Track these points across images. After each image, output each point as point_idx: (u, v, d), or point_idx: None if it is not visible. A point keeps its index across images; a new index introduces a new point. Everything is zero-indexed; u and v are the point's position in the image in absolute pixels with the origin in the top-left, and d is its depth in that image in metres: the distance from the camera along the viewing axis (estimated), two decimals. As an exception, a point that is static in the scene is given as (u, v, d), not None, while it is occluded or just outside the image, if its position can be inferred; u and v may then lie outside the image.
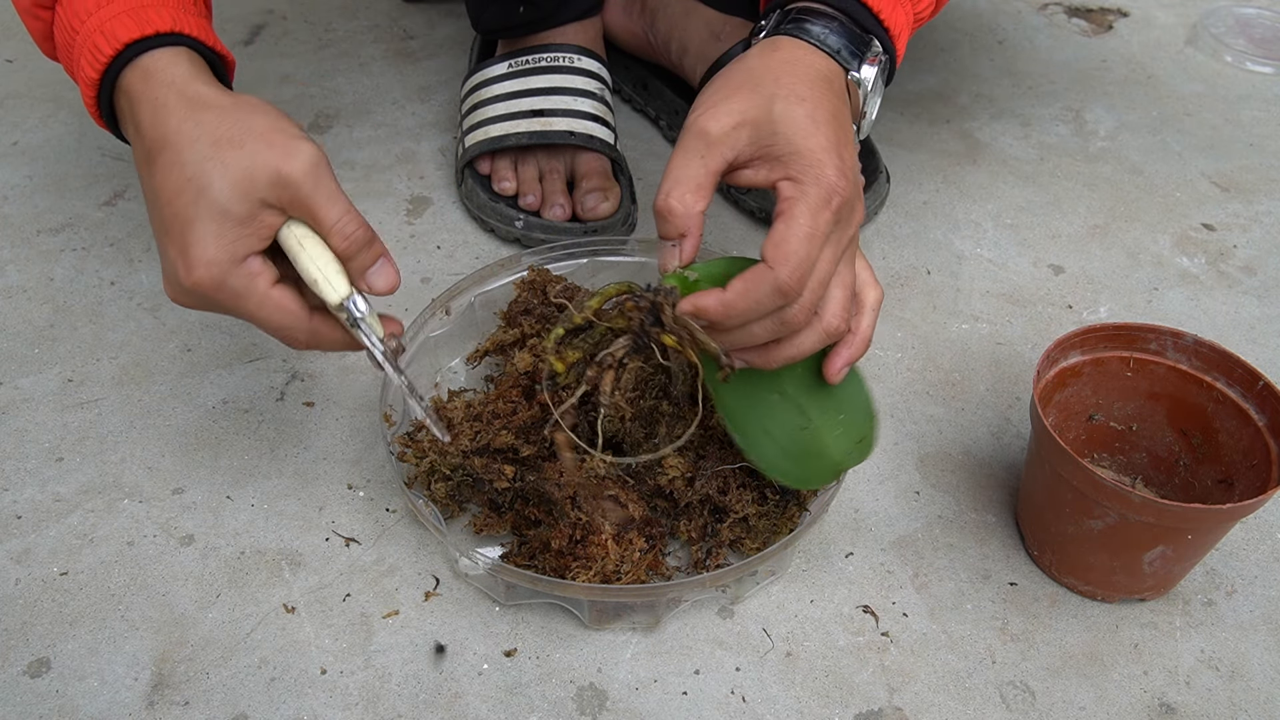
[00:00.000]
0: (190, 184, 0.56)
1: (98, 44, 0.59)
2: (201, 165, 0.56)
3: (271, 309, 0.59)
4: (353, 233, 0.58)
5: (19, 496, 0.72)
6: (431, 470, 0.69)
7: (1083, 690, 0.65)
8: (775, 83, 0.59)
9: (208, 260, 0.56)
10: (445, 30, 1.22)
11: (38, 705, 0.62)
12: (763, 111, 0.58)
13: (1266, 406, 0.66)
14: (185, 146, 0.57)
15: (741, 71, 0.61)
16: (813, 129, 0.58)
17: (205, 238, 0.56)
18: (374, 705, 0.62)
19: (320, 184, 0.57)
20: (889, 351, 0.86)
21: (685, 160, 0.58)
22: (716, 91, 0.60)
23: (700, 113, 0.59)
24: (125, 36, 0.59)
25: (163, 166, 0.57)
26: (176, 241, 0.57)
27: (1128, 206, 1.02)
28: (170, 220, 0.57)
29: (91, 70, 0.60)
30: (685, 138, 0.59)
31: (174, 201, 0.57)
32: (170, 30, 0.60)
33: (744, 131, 0.58)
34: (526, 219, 0.91)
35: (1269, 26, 1.28)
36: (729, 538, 0.68)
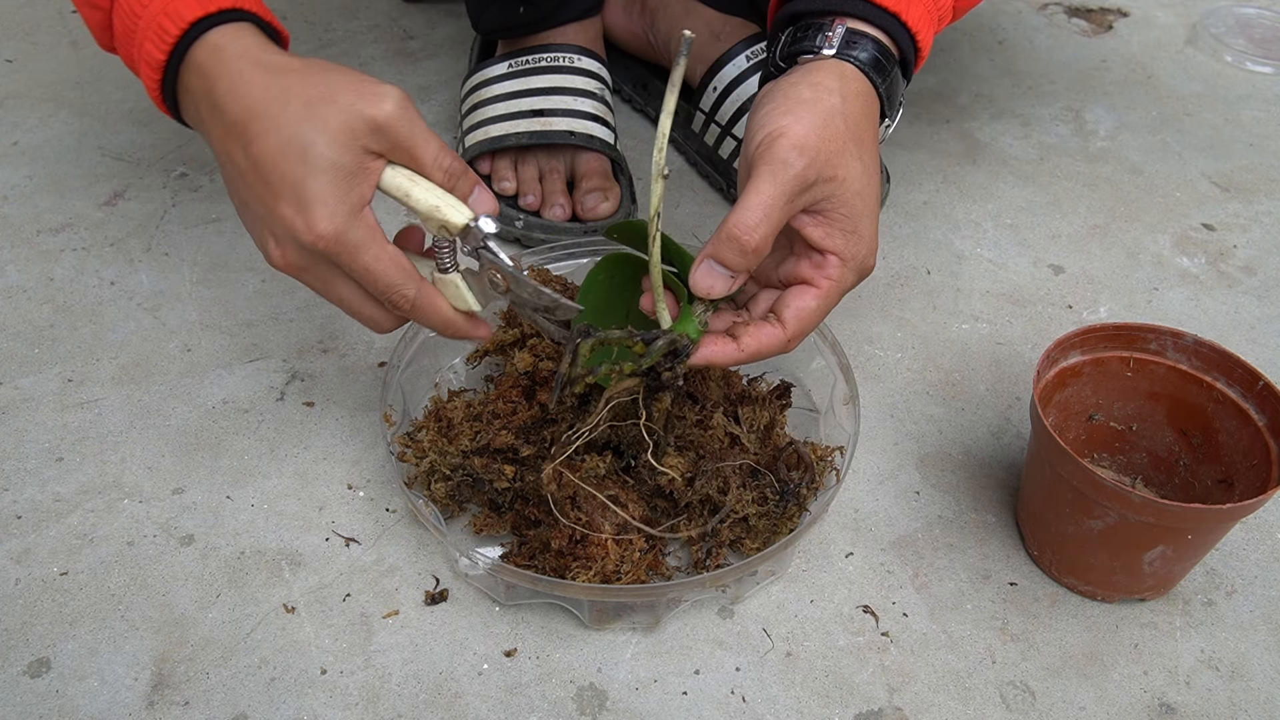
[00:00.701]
0: (292, 144, 0.57)
1: (163, 25, 0.60)
2: (299, 126, 0.57)
3: (388, 262, 0.59)
4: (449, 164, 0.60)
5: (19, 496, 0.72)
6: (431, 470, 0.69)
7: (1083, 690, 0.65)
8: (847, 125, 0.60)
9: (329, 213, 0.57)
10: (445, 30, 1.22)
11: (38, 705, 0.62)
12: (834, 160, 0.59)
13: (1266, 406, 0.66)
14: (277, 111, 0.58)
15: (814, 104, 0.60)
16: (870, 197, 0.61)
17: (322, 192, 0.57)
18: (374, 705, 0.62)
19: (414, 124, 0.59)
20: (889, 351, 0.86)
21: (769, 190, 0.57)
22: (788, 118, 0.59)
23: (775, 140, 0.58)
24: (190, 15, 0.60)
25: (258, 134, 0.58)
26: (291, 202, 0.58)
27: (1128, 206, 1.02)
28: (279, 184, 0.58)
29: (158, 52, 0.61)
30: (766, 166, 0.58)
31: (279, 164, 0.57)
32: (232, 7, 0.61)
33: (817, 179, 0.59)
34: (526, 219, 0.91)
35: (1269, 26, 1.28)
36: (729, 538, 0.68)
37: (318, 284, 0.62)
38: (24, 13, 1.22)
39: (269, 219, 0.59)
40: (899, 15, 0.63)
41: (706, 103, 0.98)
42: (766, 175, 0.58)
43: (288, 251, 0.60)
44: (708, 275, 0.59)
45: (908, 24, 0.64)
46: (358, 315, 0.63)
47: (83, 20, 0.65)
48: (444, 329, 0.64)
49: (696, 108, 0.99)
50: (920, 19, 0.64)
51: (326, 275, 0.61)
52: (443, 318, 0.63)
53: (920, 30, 0.64)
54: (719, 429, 0.68)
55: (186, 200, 0.97)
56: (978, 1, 0.71)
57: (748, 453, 0.68)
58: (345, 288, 0.62)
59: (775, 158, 0.57)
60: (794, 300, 0.61)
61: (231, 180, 0.62)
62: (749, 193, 0.58)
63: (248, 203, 0.61)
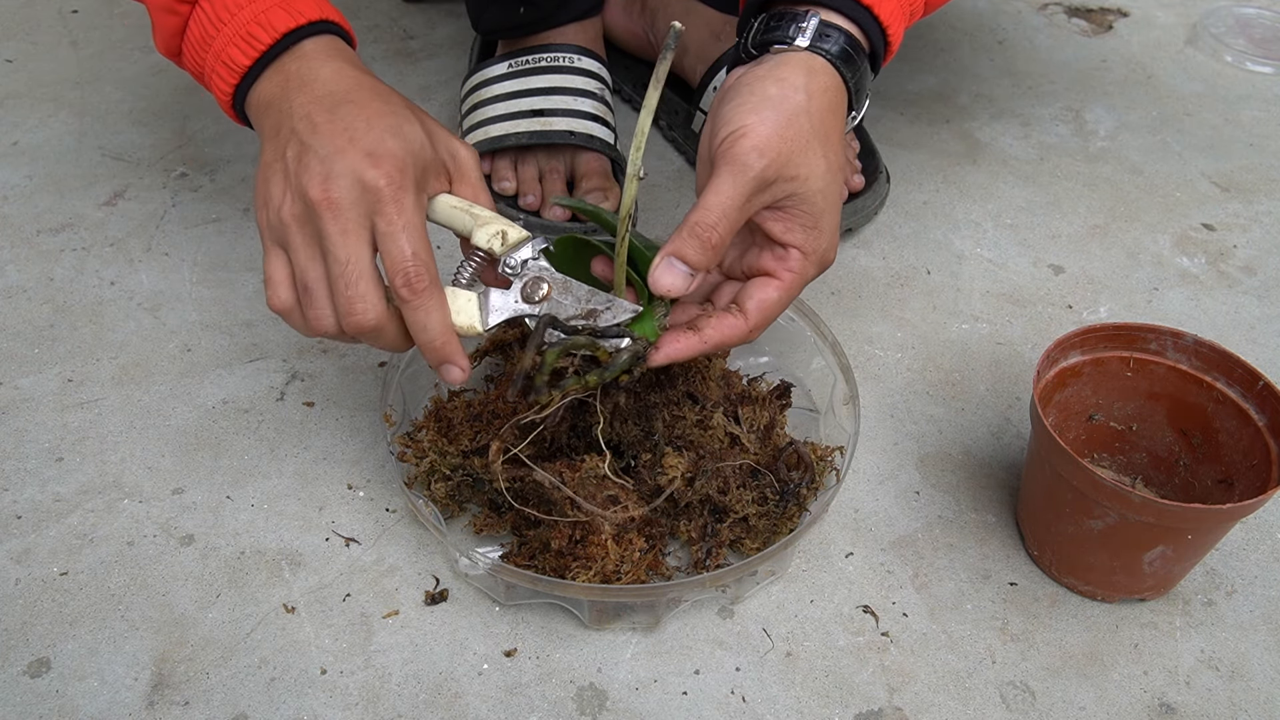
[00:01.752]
0: (394, 115, 0.61)
1: (253, 33, 0.63)
2: (402, 109, 0.63)
3: (422, 235, 0.60)
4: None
5: (19, 496, 0.72)
6: (431, 470, 0.69)
7: (1083, 690, 0.65)
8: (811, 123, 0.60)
9: (400, 169, 0.59)
10: (445, 30, 1.22)
11: (38, 705, 0.62)
12: (796, 159, 0.59)
13: (1266, 406, 0.66)
14: (384, 94, 0.63)
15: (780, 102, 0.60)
16: (832, 194, 0.62)
17: (399, 155, 0.60)
18: (374, 705, 0.62)
19: (481, 175, 0.66)
20: (889, 351, 0.86)
21: (729, 190, 0.58)
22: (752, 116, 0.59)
23: (737, 140, 0.58)
24: (282, 26, 0.63)
25: (363, 98, 0.62)
26: (368, 145, 0.59)
27: (1128, 206, 1.02)
28: (364, 131, 0.60)
29: (244, 58, 0.64)
30: (727, 166, 0.58)
31: (374, 120, 0.60)
32: (320, 19, 0.65)
33: (777, 179, 0.59)
34: (526, 219, 0.91)
35: (1269, 26, 1.28)
36: (729, 538, 0.68)
37: (336, 231, 0.59)
38: (24, 13, 1.22)
39: (334, 154, 0.59)
40: (872, 9, 0.63)
41: (706, 102, 0.98)
42: (726, 175, 0.58)
43: (334, 186, 0.58)
44: (667, 272, 0.59)
45: (880, 17, 0.64)
46: (351, 286, 0.59)
47: (152, 24, 0.67)
48: (438, 335, 0.61)
49: (697, 108, 0.99)
50: (892, 13, 0.64)
51: (352, 226, 0.59)
52: (444, 319, 0.61)
53: (891, 24, 0.64)
54: (719, 429, 0.68)
55: (186, 200, 0.97)
56: (941, 3, 0.71)
57: (748, 453, 0.68)
58: (362, 247, 0.59)
59: (736, 158, 0.58)
60: (756, 292, 0.62)
61: (287, 135, 0.61)
62: (709, 191, 0.59)
63: (307, 145, 0.60)
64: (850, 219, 0.94)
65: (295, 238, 0.60)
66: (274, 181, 0.61)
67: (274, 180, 0.61)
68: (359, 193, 0.58)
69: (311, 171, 0.59)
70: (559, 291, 0.62)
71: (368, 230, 0.59)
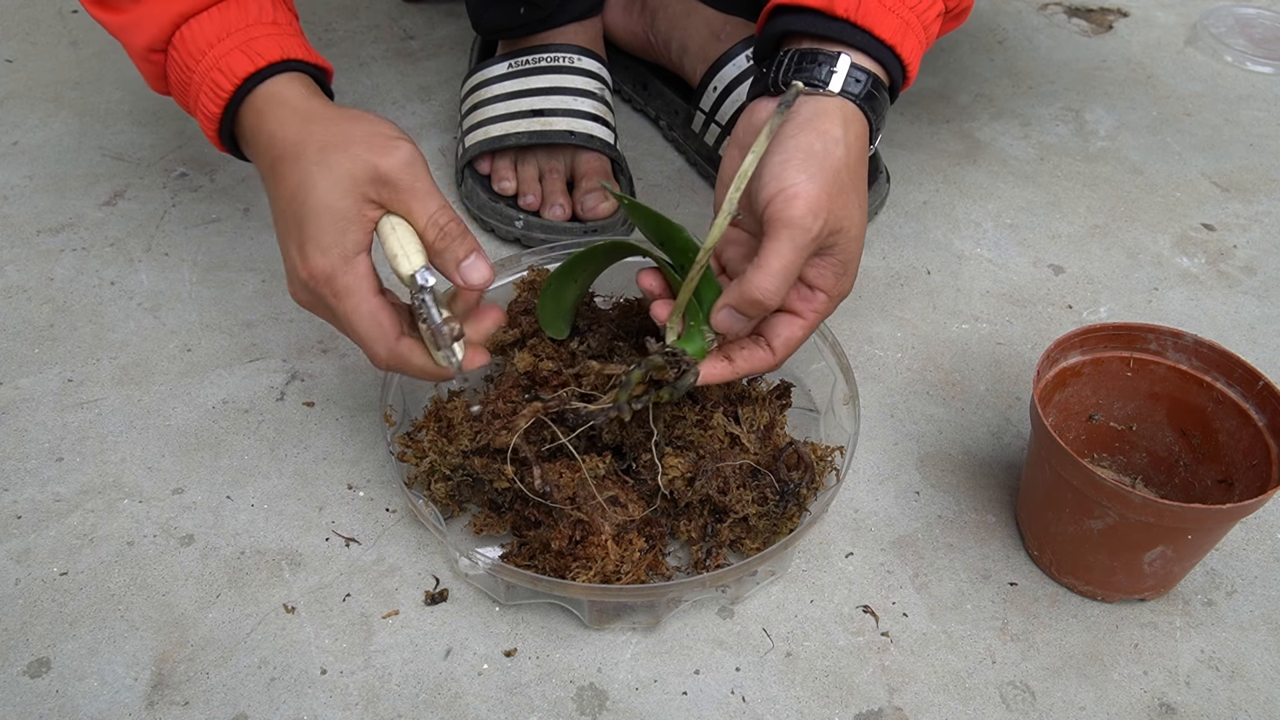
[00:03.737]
0: (301, 186, 0.61)
1: (216, 81, 0.65)
2: (310, 169, 0.61)
3: (364, 315, 0.62)
4: (445, 223, 0.61)
5: (19, 496, 0.72)
6: (431, 470, 0.69)
7: (1083, 690, 0.65)
8: (850, 176, 0.63)
9: (321, 253, 0.61)
10: (445, 30, 1.22)
11: (38, 705, 0.62)
12: (840, 215, 0.62)
13: (1266, 406, 0.66)
14: (299, 155, 0.62)
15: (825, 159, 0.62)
16: (862, 240, 0.65)
17: (318, 232, 0.61)
18: (374, 705, 0.62)
19: (417, 179, 0.62)
20: (889, 351, 0.86)
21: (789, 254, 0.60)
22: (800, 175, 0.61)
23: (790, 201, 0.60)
24: (242, 72, 0.65)
25: (281, 175, 0.63)
26: (295, 238, 0.62)
27: (1128, 206, 1.02)
28: (289, 220, 0.62)
29: (213, 106, 0.66)
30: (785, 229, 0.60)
31: (290, 203, 0.62)
32: (280, 59, 0.66)
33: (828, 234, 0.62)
34: (526, 219, 0.91)
35: (1269, 26, 1.28)
36: (729, 538, 0.68)
37: (326, 317, 0.65)
38: (24, 13, 1.22)
39: (283, 254, 0.64)
40: (895, 48, 0.65)
41: (706, 103, 0.97)
42: (786, 238, 0.60)
43: (295, 287, 0.64)
44: (729, 320, 0.63)
45: (901, 56, 0.66)
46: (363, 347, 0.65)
47: (138, 71, 0.70)
48: (427, 377, 0.65)
49: (696, 107, 0.99)
50: (912, 50, 0.66)
51: (326, 314, 0.64)
52: (421, 368, 0.63)
53: (911, 61, 0.67)
54: (719, 429, 0.68)
55: (186, 200, 0.97)
56: (950, 29, 0.73)
57: (748, 453, 0.68)
58: (343, 327, 0.64)
59: (794, 221, 0.60)
60: (783, 330, 0.65)
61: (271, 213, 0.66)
62: (770, 255, 0.60)
63: (278, 236, 0.65)
64: (850, 219, 0.94)
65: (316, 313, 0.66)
66: None
67: None
68: (309, 290, 0.63)
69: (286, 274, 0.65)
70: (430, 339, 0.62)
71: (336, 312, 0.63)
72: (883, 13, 0.65)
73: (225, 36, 0.65)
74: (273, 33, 0.66)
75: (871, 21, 0.64)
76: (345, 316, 0.62)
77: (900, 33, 0.65)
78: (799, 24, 0.66)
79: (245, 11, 0.66)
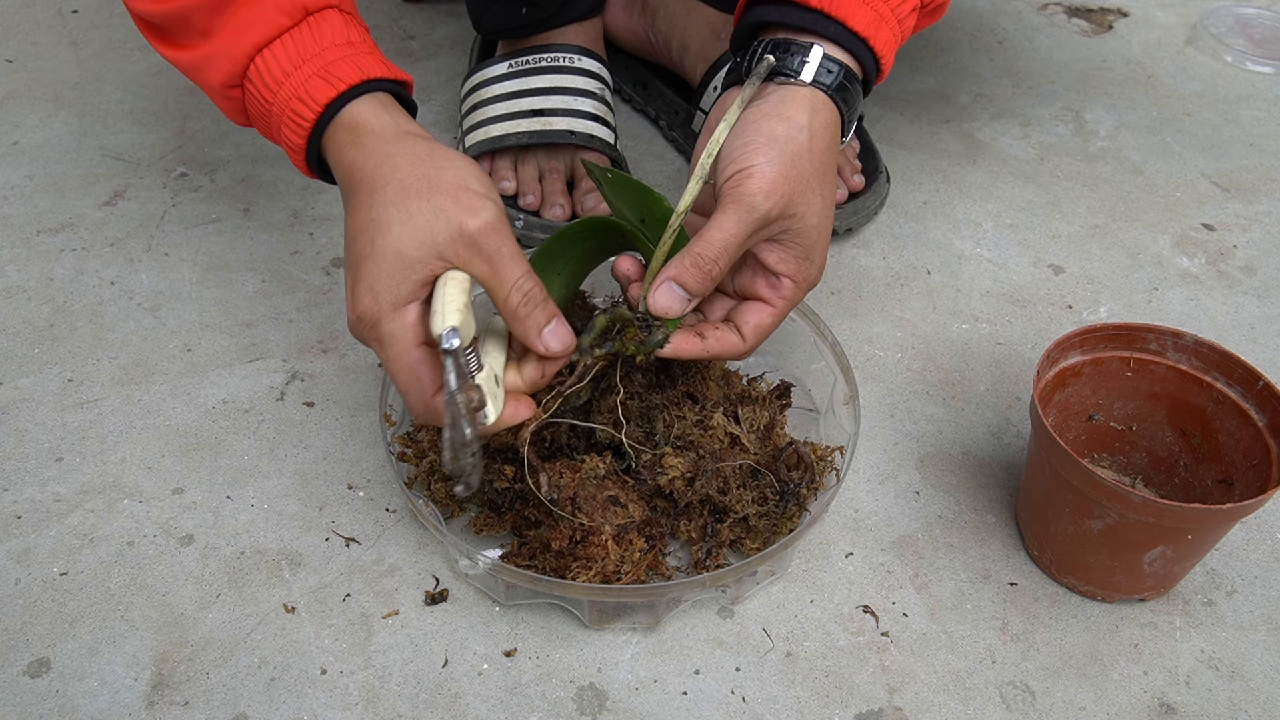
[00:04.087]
0: (372, 224, 0.59)
1: (297, 111, 0.63)
2: (386, 209, 0.59)
3: (403, 367, 0.60)
4: (530, 289, 0.60)
5: (19, 496, 0.72)
6: (431, 470, 0.69)
7: (1083, 690, 0.65)
8: (812, 163, 0.63)
9: (374, 295, 0.59)
10: (445, 30, 1.22)
11: (38, 705, 0.62)
12: (797, 199, 0.62)
13: (1266, 406, 0.66)
14: (376, 190, 0.60)
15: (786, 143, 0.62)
16: (825, 227, 0.65)
17: (374, 275, 0.59)
18: (374, 705, 0.62)
19: (504, 242, 0.59)
20: (889, 351, 0.86)
21: (733, 228, 0.61)
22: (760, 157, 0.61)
23: (745, 179, 0.61)
24: (322, 99, 0.63)
25: (354, 206, 0.61)
26: (352, 274, 0.60)
27: (1128, 206, 1.02)
28: (352, 256, 0.60)
29: (296, 137, 0.64)
30: (733, 204, 0.61)
31: (357, 239, 0.60)
32: (359, 81, 0.64)
33: (779, 217, 0.62)
34: (526, 219, 0.91)
35: (1269, 26, 1.28)
36: (729, 538, 0.68)
37: (376, 352, 0.62)
38: (24, 13, 1.22)
39: (345, 285, 0.62)
40: (868, 41, 0.66)
41: (707, 102, 0.97)
42: (732, 212, 0.61)
43: (350, 321, 0.61)
44: (666, 294, 0.62)
45: (875, 49, 0.66)
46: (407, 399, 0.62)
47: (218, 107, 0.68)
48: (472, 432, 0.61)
49: (697, 107, 0.99)
50: (886, 43, 0.67)
51: (374, 349, 0.61)
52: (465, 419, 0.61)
53: (885, 54, 0.67)
54: (719, 429, 0.68)
55: (186, 200, 0.97)
56: (926, 25, 0.73)
57: (748, 453, 0.68)
58: (389, 369, 0.62)
59: (742, 198, 0.61)
60: (752, 317, 0.66)
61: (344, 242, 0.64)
62: (714, 226, 0.61)
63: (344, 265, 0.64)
64: (850, 219, 0.94)
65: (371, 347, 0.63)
66: None
67: None
68: (358, 328, 0.61)
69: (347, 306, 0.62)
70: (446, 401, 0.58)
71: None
72: (856, 5, 0.65)
73: (302, 64, 0.63)
74: (349, 54, 0.64)
75: (845, 13, 0.64)
76: (387, 365, 0.60)
77: (874, 25, 0.65)
78: (774, 15, 0.66)
79: (319, 35, 0.64)
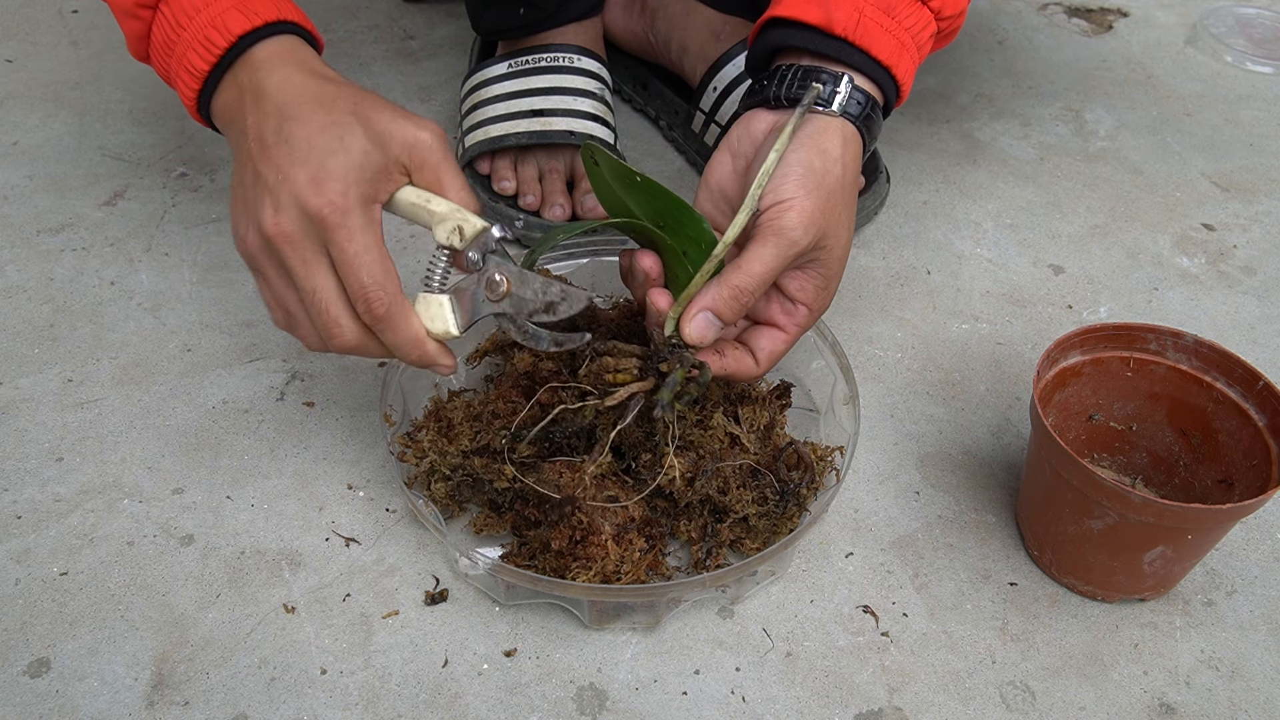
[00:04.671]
0: (334, 127, 0.60)
1: (210, 37, 0.63)
2: (345, 117, 0.61)
3: (379, 255, 0.60)
4: (469, 200, 0.63)
5: (19, 496, 0.72)
6: (431, 470, 0.69)
7: (1083, 690, 0.65)
8: (843, 195, 0.64)
9: (343, 188, 0.59)
10: (445, 30, 1.22)
11: (38, 705, 0.62)
12: (829, 232, 0.63)
13: (1266, 406, 0.66)
14: (328, 102, 0.61)
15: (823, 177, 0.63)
16: (845, 258, 0.66)
17: (342, 170, 0.59)
18: (374, 705, 0.62)
19: (448, 155, 0.63)
20: (889, 351, 0.86)
21: (772, 261, 0.61)
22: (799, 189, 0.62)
23: (784, 212, 0.61)
24: (237, 29, 0.63)
25: (303, 114, 0.61)
26: (310, 169, 0.59)
27: (1128, 206, 1.02)
28: (305, 154, 0.60)
29: (202, 63, 0.64)
30: (773, 236, 0.61)
31: (315, 139, 0.60)
32: (277, 19, 0.64)
33: (812, 248, 0.63)
34: (526, 219, 0.91)
35: (1269, 26, 1.28)
36: (729, 538, 0.68)
37: (297, 263, 0.61)
38: (24, 13, 1.22)
39: (279, 184, 0.60)
40: (891, 69, 0.66)
41: (706, 103, 0.98)
42: (772, 245, 0.61)
43: (283, 219, 0.60)
44: (703, 325, 0.63)
45: (896, 77, 0.67)
46: (322, 314, 0.61)
47: (121, 28, 0.67)
48: (412, 347, 0.63)
49: (696, 108, 0.99)
50: (907, 70, 0.67)
51: (309, 256, 0.61)
52: (413, 334, 0.62)
53: (905, 82, 0.68)
54: (719, 429, 0.68)
55: (186, 200, 0.97)
56: (939, 48, 0.73)
57: (748, 453, 0.68)
58: (323, 276, 0.61)
59: (784, 231, 0.61)
60: (766, 343, 0.67)
61: (245, 158, 0.62)
62: (753, 258, 0.61)
63: (259, 173, 0.61)
64: (850, 219, 0.94)
65: (265, 269, 0.63)
66: (237, 211, 0.64)
67: (237, 210, 0.64)
68: (306, 222, 0.60)
69: (264, 203, 0.61)
70: (517, 285, 0.63)
71: (325, 256, 0.61)
72: (879, 33, 0.65)
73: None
74: None
75: (869, 42, 0.65)
76: (356, 255, 0.59)
77: (896, 54, 0.66)
78: (795, 39, 0.66)
79: None
